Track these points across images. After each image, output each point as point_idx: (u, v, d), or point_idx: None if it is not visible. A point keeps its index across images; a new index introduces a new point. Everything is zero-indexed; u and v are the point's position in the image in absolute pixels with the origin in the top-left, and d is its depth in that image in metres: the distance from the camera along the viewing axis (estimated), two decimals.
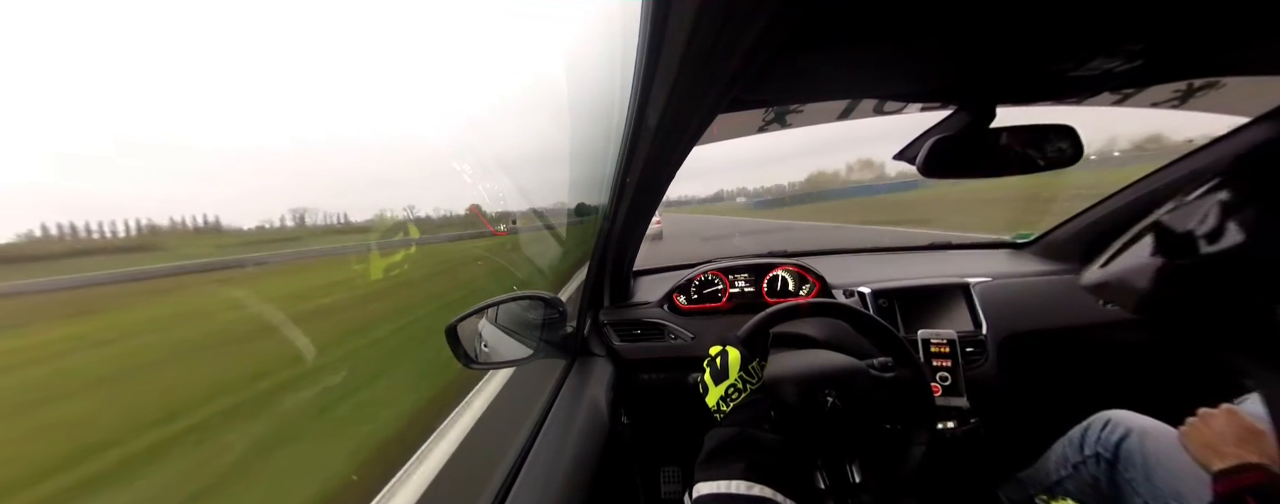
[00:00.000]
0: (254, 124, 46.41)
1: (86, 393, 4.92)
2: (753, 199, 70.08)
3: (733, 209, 52.21)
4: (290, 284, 10.43)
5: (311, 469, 2.83)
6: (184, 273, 15.64)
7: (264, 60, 54.51)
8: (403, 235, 16.12)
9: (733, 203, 72.64)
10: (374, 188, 57.29)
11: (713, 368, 0.80)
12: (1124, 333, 1.38)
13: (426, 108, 44.77)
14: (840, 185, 74.91)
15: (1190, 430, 0.82)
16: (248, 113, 45.51)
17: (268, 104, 48.94)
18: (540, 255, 3.45)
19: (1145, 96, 1.07)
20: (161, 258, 19.29)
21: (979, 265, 1.58)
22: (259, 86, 48.82)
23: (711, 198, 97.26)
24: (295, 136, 49.63)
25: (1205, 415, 0.82)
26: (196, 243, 23.28)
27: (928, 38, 0.60)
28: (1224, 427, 0.77)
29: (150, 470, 3.05)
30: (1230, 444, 0.74)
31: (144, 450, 3.16)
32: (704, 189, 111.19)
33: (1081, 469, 1.01)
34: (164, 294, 11.22)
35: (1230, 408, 0.81)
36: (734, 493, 0.60)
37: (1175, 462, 0.84)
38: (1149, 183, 1.32)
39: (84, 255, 19.57)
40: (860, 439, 0.84)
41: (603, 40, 0.67)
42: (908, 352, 0.88)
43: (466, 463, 2.11)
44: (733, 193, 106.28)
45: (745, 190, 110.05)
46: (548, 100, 2.47)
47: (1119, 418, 0.99)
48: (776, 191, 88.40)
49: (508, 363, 1.14)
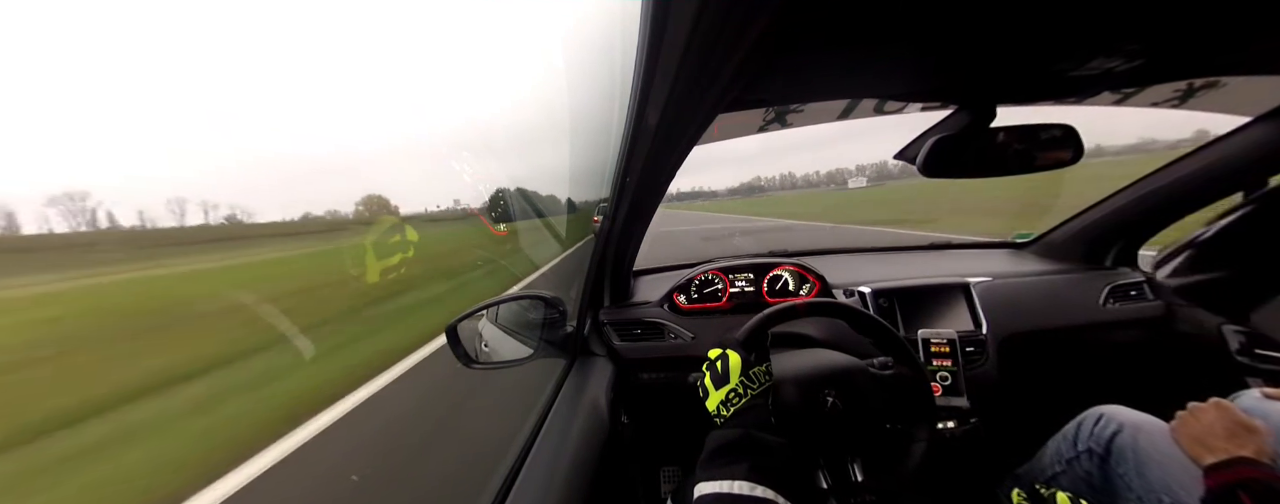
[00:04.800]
0: (254, 124, 46.46)
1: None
2: (728, 193, 71.55)
3: (712, 206, 52.39)
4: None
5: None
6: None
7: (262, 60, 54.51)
8: (399, 237, 16.96)
9: (713, 199, 73.36)
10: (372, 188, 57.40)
11: (713, 372, 0.79)
12: (1124, 332, 1.38)
13: (427, 108, 44.89)
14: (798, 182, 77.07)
15: (1180, 424, 0.83)
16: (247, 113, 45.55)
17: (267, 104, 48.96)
18: (534, 246, 4.55)
19: (1145, 96, 1.06)
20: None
21: (979, 265, 1.58)
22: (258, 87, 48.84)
23: (690, 193, 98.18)
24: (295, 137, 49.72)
25: (1195, 409, 0.82)
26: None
27: (928, 38, 0.60)
28: (1214, 420, 0.77)
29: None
30: (1220, 438, 0.74)
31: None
32: (684, 184, 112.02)
33: (1074, 464, 1.01)
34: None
35: (1220, 402, 0.81)
36: (737, 493, 0.60)
37: (1167, 457, 0.84)
38: (1149, 183, 1.32)
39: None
40: (861, 439, 0.84)
41: (603, 40, 0.67)
42: (907, 350, 0.88)
43: (467, 463, 2.12)
44: (711, 190, 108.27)
45: (728, 186, 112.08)
46: (548, 100, 2.48)
47: (1111, 413, 0.99)
48: (751, 184, 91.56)
49: (508, 363, 1.14)
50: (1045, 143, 0.84)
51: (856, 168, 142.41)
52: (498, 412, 2.61)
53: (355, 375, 3.46)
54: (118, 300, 9.28)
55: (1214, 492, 0.70)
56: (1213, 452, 0.73)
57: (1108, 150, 15.99)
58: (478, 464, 1.97)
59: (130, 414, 3.55)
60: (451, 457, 2.26)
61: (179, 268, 13.32)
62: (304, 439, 2.58)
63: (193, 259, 15.29)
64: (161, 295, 9.85)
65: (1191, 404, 0.83)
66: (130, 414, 3.55)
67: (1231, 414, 0.77)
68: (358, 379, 3.39)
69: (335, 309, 6.59)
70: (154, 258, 14.91)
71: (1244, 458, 0.70)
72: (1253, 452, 0.71)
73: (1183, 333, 1.34)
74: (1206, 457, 0.74)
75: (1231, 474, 0.69)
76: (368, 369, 3.57)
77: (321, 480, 2.28)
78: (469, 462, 2.09)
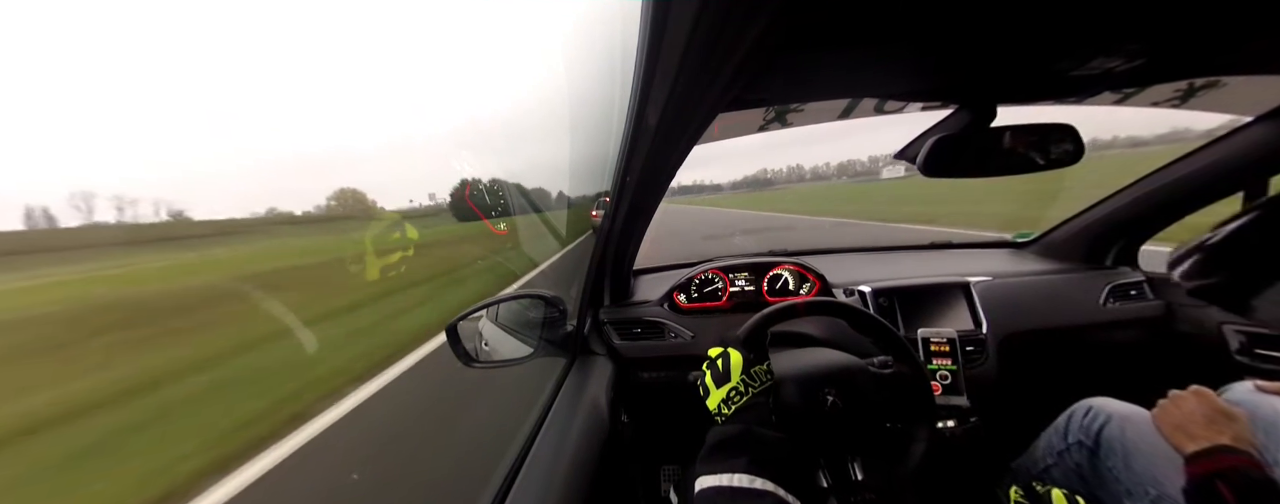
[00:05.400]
0: (255, 125, 46.51)
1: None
2: (733, 187, 71.29)
3: (713, 200, 51.52)
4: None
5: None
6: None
7: (263, 60, 54.53)
8: (399, 235, 17.42)
9: (716, 194, 72.61)
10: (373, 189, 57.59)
11: (714, 370, 0.79)
12: (1124, 332, 1.38)
13: (427, 107, 44.99)
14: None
15: (1161, 412, 0.82)
16: (249, 113, 45.59)
17: (267, 105, 49.00)
18: (532, 242, 5.06)
19: (1146, 96, 1.06)
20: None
21: (979, 264, 1.58)
22: (258, 87, 48.87)
23: (692, 187, 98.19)
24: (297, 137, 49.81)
25: (1175, 397, 0.82)
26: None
27: (928, 37, 0.60)
28: (1194, 408, 0.77)
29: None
30: (1200, 425, 0.74)
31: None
32: (686, 178, 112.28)
33: (1065, 456, 1.01)
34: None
35: (1199, 389, 0.81)
36: (737, 486, 0.60)
37: (1153, 447, 0.85)
38: (1149, 182, 1.32)
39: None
40: (861, 437, 0.84)
41: (603, 40, 0.67)
42: (907, 349, 0.88)
43: (467, 462, 2.13)
44: (713, 183, 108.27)
45: (732, 181, 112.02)
46: (548, 99, 2.48)
47: (1100, 405, 0.99)
48: (755, 178, 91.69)
49: (508, 362, 1.15)
50: (1046, 142, 0.84)
51: (886, 157, 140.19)
52: (498, 410, 2.62)
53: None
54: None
55: (1194, 481, 0.71)
56: (1193, 439, 0.74)
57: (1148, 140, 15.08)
58: (478, 463, 1.98)
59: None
60: (451, 455, 2.27)
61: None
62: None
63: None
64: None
65: (1172, 392, 0.83)
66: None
67: (1211, 401, 0.77)
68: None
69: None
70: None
71: (1223, 446, 0.70)
72: (1231, 439, 0.71)
73: (1183, 332, 1.34)
74: (1187, 444, 0.74)
75: (1211, 463, 0.70)
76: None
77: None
78: (469, 460, 2.10)
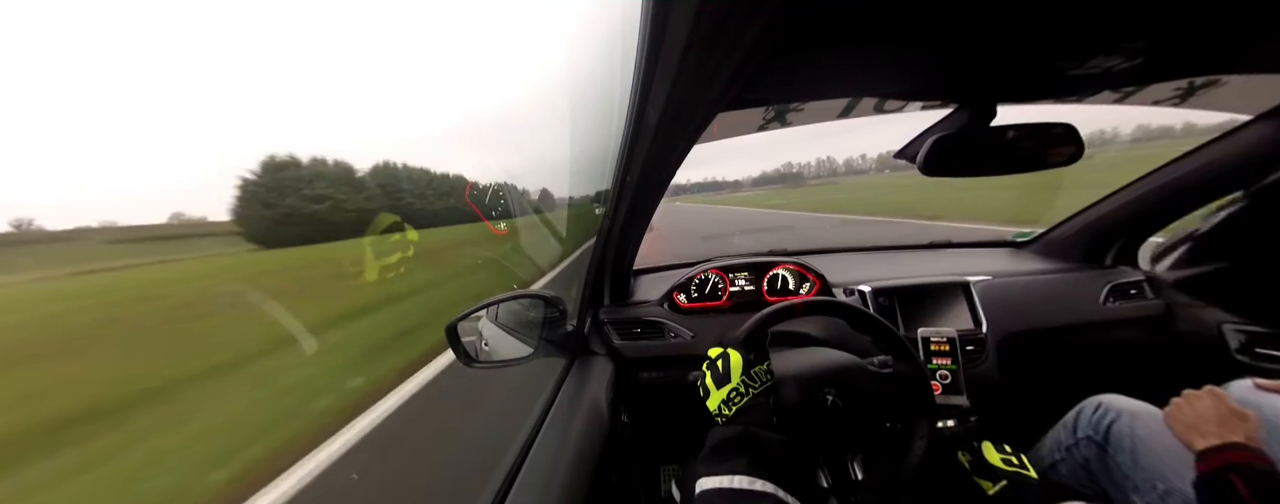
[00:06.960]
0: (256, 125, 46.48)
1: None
2: (755, 183, 70.59)
3: (732, 199, 50.46)
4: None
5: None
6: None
7: (263, 60, 54.48)
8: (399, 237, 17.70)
9: (734, 192, 70.94)
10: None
11: (714, 371, 0.79)
12: (1125, 331, 1.38)
13: (427, 107, 44.93)
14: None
15: (1174, 411, 0.85)
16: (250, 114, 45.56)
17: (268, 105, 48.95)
18: (532, 242, 5.27)
19: (1146, 95, 1.06)
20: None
21: (979, 264, 1.58)
22: (259, 87, 48.84)
23: (707, 183, 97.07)
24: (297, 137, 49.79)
25: (1189, 396, 0.84)
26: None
27: (928, 37, 0.60)
28: (1207, 407, 0.79)
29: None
30: (1213, 424, 0.76)
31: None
32: (698, 175, 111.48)
33: (1073, 452, 1.02)
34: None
35: (1213, 389, 0.83)
36: (737, 488, 0.60)
37: (1162, 444, 0.86)
38: (1149, 182, 1.32)
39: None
40: (861, 437, 0.84)
41: (603, 40, 0.67)
42: (907, 349, 0.87)
43: (467, 462, 2.13)
44: (733, 180, 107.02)
45: (752, 178, 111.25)
46: (548, 99, 2.48)
47: (1109, 402, 1.00)
48: (773, 174, 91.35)
49: (508, 362, 1.14)
50: (1046, 141, 0.85)
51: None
52: (498, 410, 2.62)
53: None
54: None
55: (1206, 475, 0.72)
56: (1205, 437, 0.76)
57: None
58: (478, 462, 1.98)
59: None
60: (451, 455, 2.27)
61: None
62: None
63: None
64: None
65: (1186, 391, 0.85)
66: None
67: (1224, 402, 0.79)
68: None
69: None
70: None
71: (1235, 443, 0.72)
72: (1243, 437, 0.73)
73: (1183, 332, 1.34)
74: (1199, 442, 0.76)
75: (1222, 458, 0.72)
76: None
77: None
78: (469, 460, 2.10)
